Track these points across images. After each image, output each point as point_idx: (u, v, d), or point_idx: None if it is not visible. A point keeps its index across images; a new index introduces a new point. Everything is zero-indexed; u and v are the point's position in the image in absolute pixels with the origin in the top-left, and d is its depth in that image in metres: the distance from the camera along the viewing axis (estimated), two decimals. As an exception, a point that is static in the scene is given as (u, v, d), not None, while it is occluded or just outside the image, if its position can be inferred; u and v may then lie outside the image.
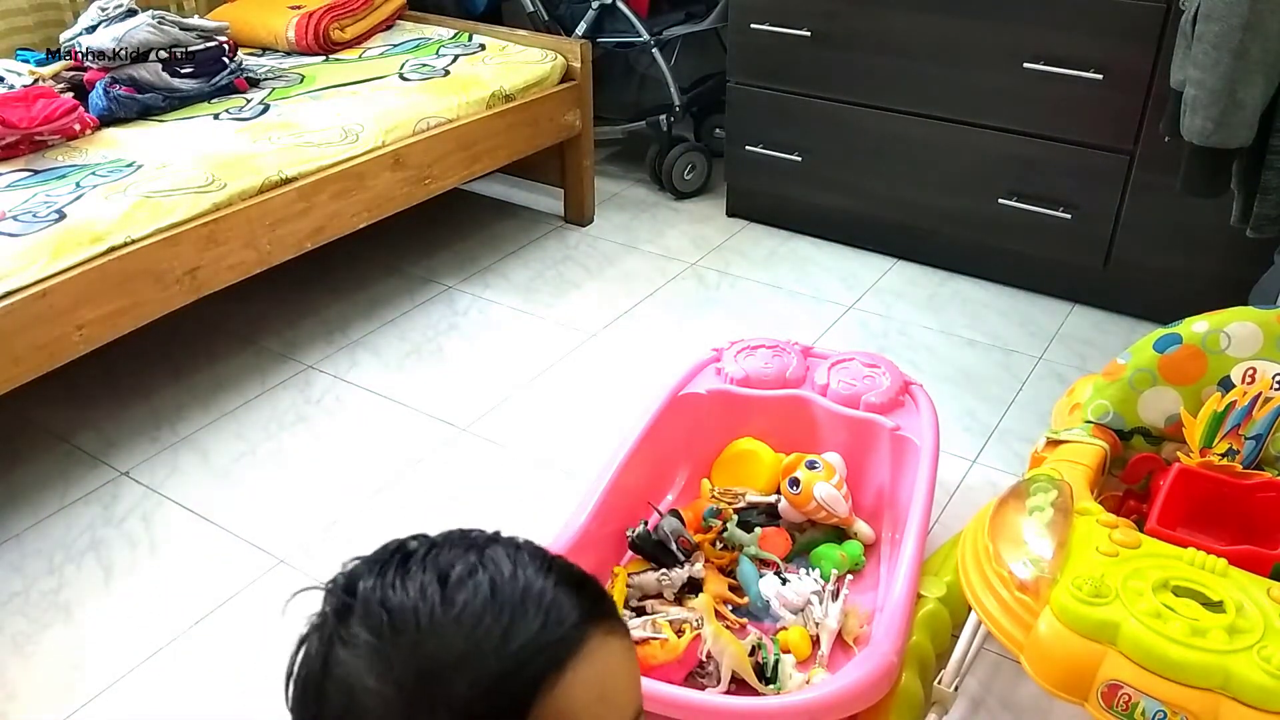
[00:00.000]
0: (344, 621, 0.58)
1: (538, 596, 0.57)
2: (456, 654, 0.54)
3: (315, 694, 0.60)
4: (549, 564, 0.60)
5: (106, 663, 1.45)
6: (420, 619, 0.55)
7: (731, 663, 1.29)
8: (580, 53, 2.53)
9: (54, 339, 1.65)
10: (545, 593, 0.57)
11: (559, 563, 0.60)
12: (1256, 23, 1.48)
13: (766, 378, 1.68)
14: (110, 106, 2.11)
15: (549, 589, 0.57)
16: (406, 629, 0.55)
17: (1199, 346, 1.26)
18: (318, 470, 1.83)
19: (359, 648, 0.56)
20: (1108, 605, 0.99)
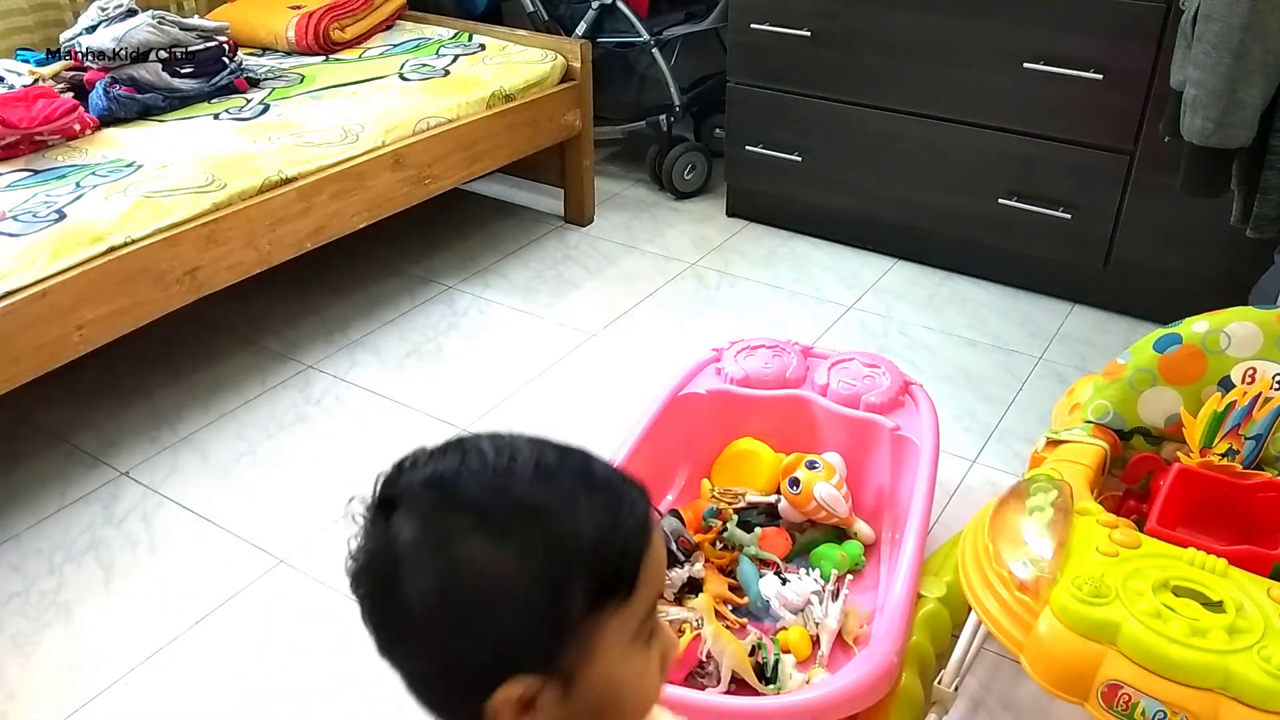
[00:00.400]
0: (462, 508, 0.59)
1: (620, 483, 0.63)
2: (583, 530, 0.59)
3: (446, 581, 0.59)
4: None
5: (106, 663, 1.45)
6: (538, 501, 0.59)
7: (731, 663, 1.29)
8: (580, 53, 2.53)
9: (54, 339, 1.65)
10: (622, 479, 0.63)
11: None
12: (1257, 23, 1.48)
13: (766, 378, 1.68)
14: (110, 106, 2.11)
15: (620, 476, 0.64)
16: (531, 512, 0.59)
17: (1199, 346, 1.26)
18: (317, 470, 1.83)
19: (495, 533, 0.58)
20: (1108, 605, 0.99)
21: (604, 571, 0.59)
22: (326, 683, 1.42)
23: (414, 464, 0.62)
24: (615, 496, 0.61)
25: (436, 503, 0.60)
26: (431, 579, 0.59)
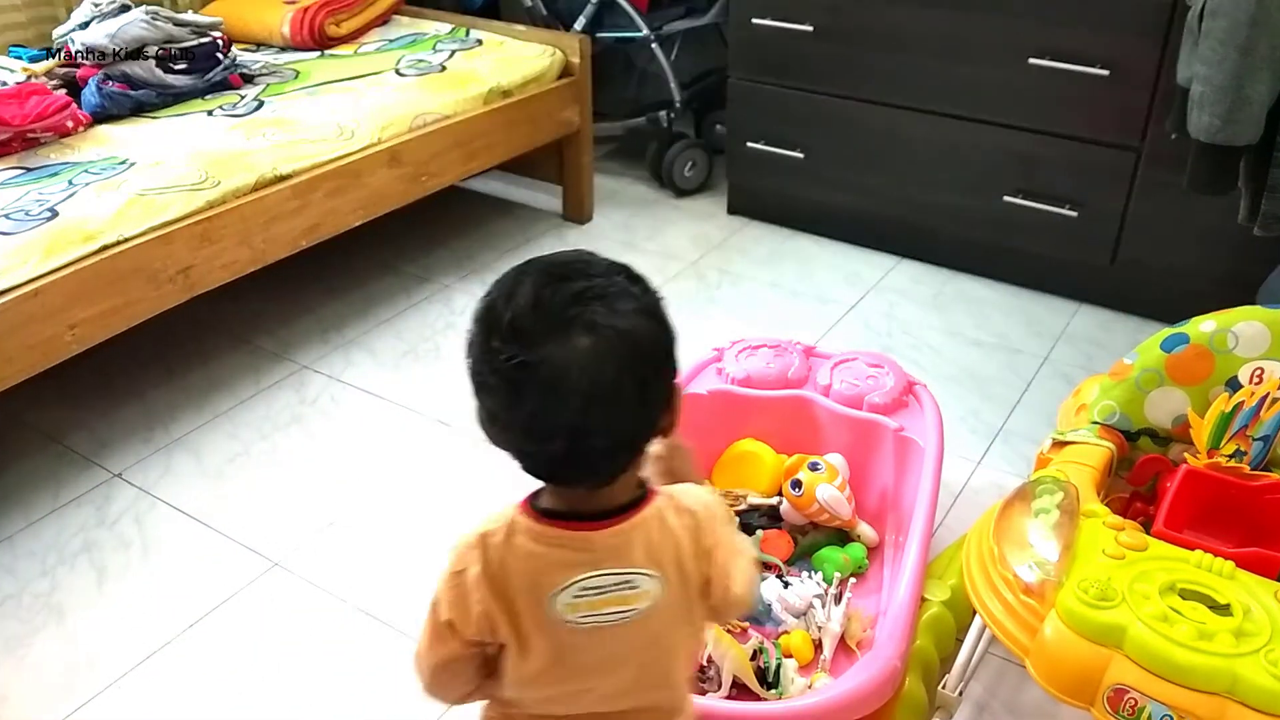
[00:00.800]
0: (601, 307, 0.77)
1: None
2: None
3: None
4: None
5: (100, 666, 1.44)
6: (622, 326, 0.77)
7: (733, 667, 1.28)
8: (579, 48, 2.51)
9: (46, 339, 1.63)
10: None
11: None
12: (1264, 18, 1.46)
13: (768, 378, 1.66)
14: (103, 103, 2.10)
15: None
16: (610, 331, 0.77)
17: (1206, 346, 1.25)
18: (313, 471, 1.81)
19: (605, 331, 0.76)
20: (1114, 609, 0.97)
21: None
22: (321, 685, 1.40)
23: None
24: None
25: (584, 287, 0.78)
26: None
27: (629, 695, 0.87)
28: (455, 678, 0.89)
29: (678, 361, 0.83)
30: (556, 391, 0.75)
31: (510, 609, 0.82)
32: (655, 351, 0.80)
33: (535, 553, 0.82)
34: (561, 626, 0.82)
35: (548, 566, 0.82)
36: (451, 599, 0.84)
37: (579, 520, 0.82)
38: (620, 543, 0.82)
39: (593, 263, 0.82)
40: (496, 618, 0.83)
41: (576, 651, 0.83)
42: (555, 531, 0.82)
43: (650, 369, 0.79)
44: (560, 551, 0.82)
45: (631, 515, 0.83)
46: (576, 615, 0.82)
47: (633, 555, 0.82)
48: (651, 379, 0.79)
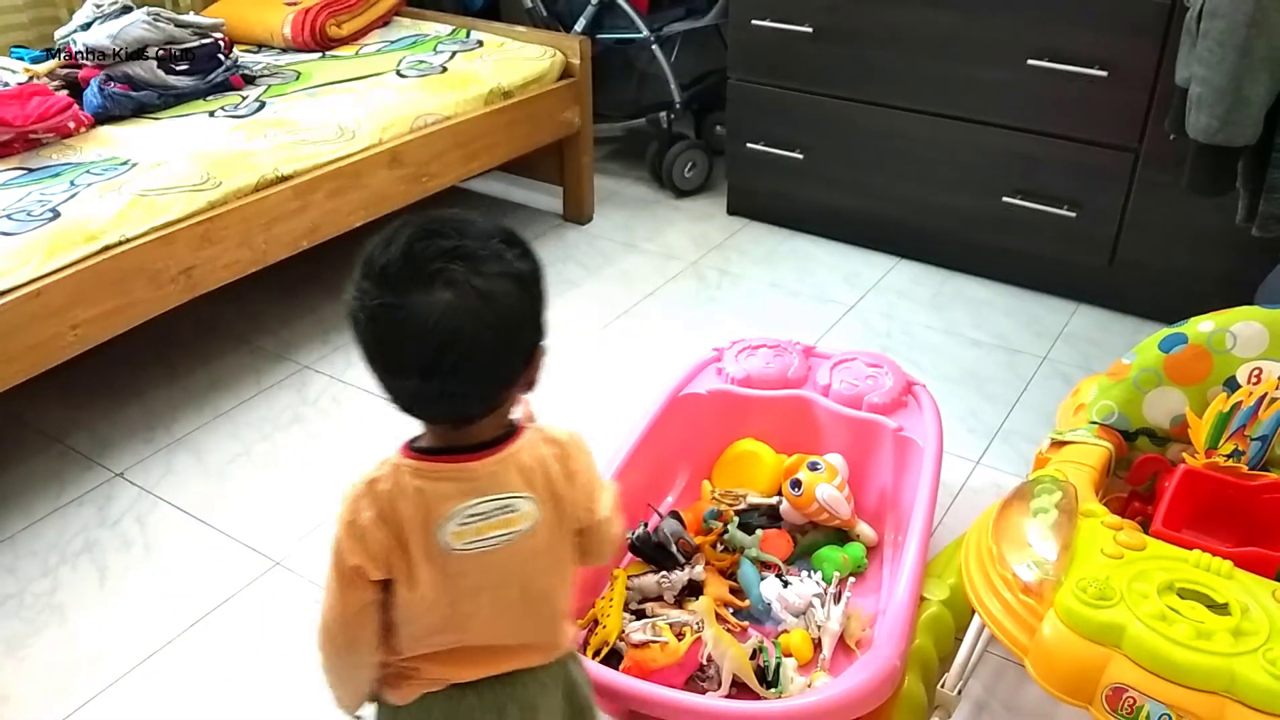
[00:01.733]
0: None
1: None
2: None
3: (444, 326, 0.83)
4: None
5: (101, 665, 1.44)
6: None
7: (733, 666, 1.28)
8: (579, 49, 2.52)
9: (48, 339, 1.64)
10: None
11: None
12: (1262, 19, 1.46)
13: (768, 378, 1.66)
14: (105, 104, 2.10)
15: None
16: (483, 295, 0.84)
17: (1204, 346, 1.25)
18: (314, 471, 1.81)
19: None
20: (1112, 608, 0.98)
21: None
22: (322, 686, 1.40)
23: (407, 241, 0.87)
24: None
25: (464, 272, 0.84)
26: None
27: (512, 624, 0.95)
28: (364, 629, 0.93)
29: (543, 324, 0.90)
30: (413, 336, 0.83)
31: (403, 545, 0.89)
32: (514, 314, 0.86)
33: (422, 488, 0.89)
34: (450, 555, 0.89)
35: (435, 498, 0.89)
36: (352, 545, 0.89)
37: (456, 454, 0.90)
38: (499, 469, 0.90)
39: (471, 224, 0.88)
40: (392, 555, 0.89)
41: (464, 576, 0.91)
42: (437, 466, 0.90)
43: (509, 329, 0.86)
44: (444, 484, 0.89)
45: (505, 446, 0.91)
46: (462, 543, 0.89)
47: (510, 481, 0.90)
48: (510, 339, 0.86)
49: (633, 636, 1.30)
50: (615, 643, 1.32)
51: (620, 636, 1.32)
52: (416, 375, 0.85)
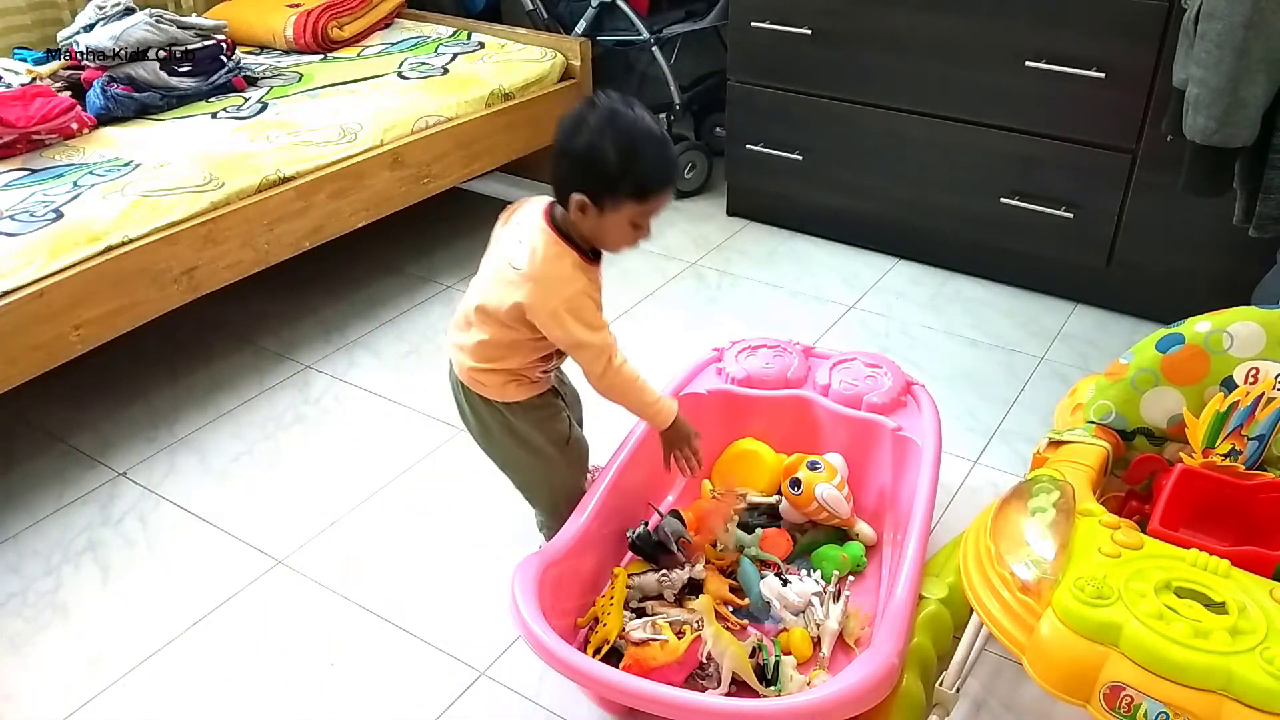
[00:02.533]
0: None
1: (674, 157, 1.34)
2: (650, 167, 1.27)
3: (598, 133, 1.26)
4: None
5: (104, 664, 1.45)
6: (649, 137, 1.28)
7: (732, 664, 1.28)
8: (580, 51, 2.52)
9: (51, 339, 1.64)
10: (675, 159, 1.35)
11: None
12: (1259, 21, 1.47)
13: (768, 378, 1.67)
14: (108, 105, 2.11)
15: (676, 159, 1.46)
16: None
17: (1201, 346, 1.25)
18: (316, 471, 1.82)
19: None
20: (1110, 606, 0.98)
21: (643, 184, 1.26)
22: (323, 683, 1.41)
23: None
24: (667, 158, 1.31)
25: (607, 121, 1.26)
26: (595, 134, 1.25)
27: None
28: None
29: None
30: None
31: None
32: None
33: None
34: None
35: None
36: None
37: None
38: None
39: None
40: None
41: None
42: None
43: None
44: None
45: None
46: None
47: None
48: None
49: (633, 635, 1.31)
50: (615, 641, 1.32)
51: (620, 635, 1.33)
52: None
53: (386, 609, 1.53)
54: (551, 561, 1.33)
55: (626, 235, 1.30)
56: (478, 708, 1.37)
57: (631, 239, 1.31)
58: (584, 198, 1.26)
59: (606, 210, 1.27)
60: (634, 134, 1.25)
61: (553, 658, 1.18)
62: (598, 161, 1.24)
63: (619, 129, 1.24)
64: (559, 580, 1.33)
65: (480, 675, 1.42)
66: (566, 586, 1.36)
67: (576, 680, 1.21)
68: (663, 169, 1.29)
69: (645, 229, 1.31)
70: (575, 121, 1.26)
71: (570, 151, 1.26)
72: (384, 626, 1.50)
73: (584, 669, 1.18)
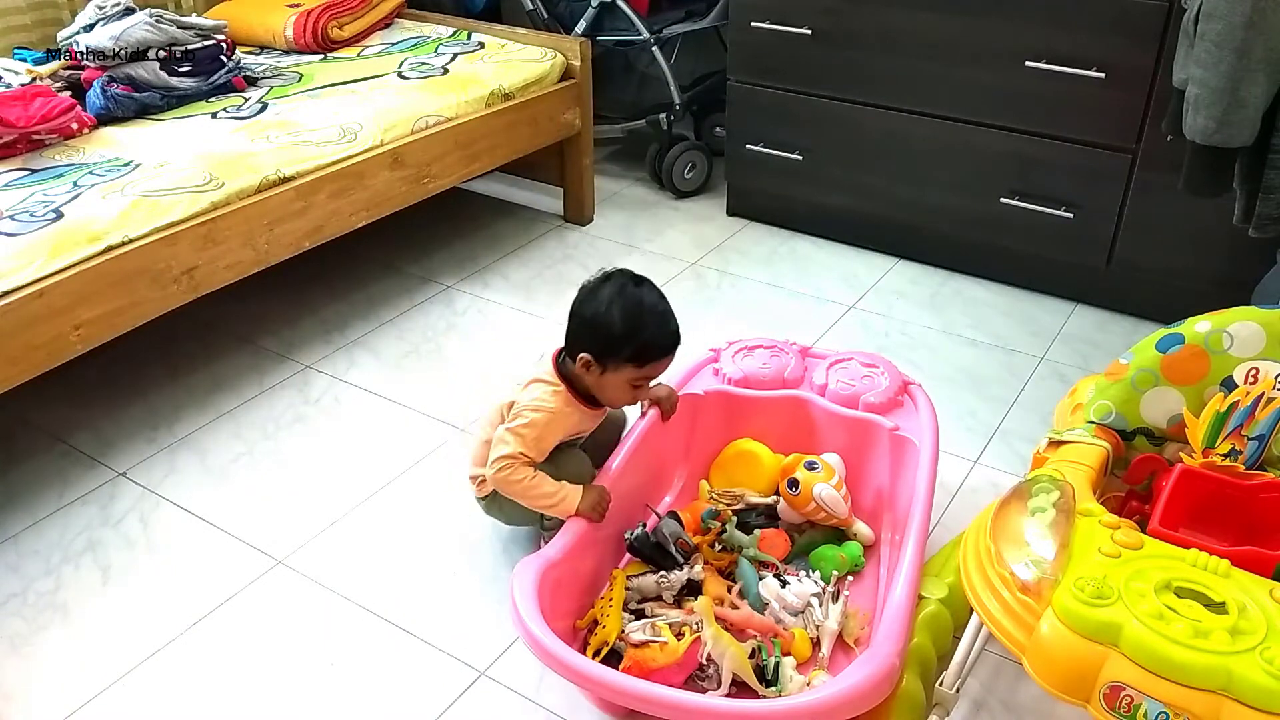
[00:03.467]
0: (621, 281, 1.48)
1: (671, 325, 1.47)
2: (648, 335, 1.45)
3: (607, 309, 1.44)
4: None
5: (104, 664, 1.45)
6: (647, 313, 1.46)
7: (732, 665, 1.28)
8: (580, 51, 2.52)
9: (51, 339, 1.64)
10: (676, 328, 1.48)
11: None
12: (1259, 21, 1.47)
13: (764, 378, 1.67)
14: (108, 105, 2.11)
15: (677, 328, 1.48)
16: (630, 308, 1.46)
17: (1201, 346, 1.25)
18: (316, 471, 1.82)
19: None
20: (1110, 606, 0.98)
21: (641, 351, 1.43)
22: (323, 683, 1.41)
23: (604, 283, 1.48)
24: (667, 331, 1.46)
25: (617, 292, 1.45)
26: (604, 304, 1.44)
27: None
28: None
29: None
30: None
31: None
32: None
33: None
34: None
35: None
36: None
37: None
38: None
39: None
40: None
41: None
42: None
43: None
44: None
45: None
46: None
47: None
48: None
49: (632, 636, 1.31)
50: (615, 642, 1.33)
51: (620, 636, 1.33)
52: None
53: (386, 609, 1.53)
54: (551, 563, 1.33)
55: (625, 393, 1.48)
56: (478, 708, 1.37)
57: (630, 397, 1.50)
58: (589, 357, 1.43)
59: (608, 370, 1.44)
60: (640, 307, 1.43)
61: (552, 659, 1.18)
62: (604, 328, 1.42)
63: (626, 301, 1.43)
64: (558, 582, 1.33)
65: (480, 675, 1.42)
66: (566, 588, 1.36)
67: (576, 682, 1.21)
68: (661, 340, 1.45)
69: (644, 389, 1.51)
70: (590, 290, 1.46)
71: (581, 315, 1.45)
72: (384, 626, 1.50)
73: (584, 670, 1.18)
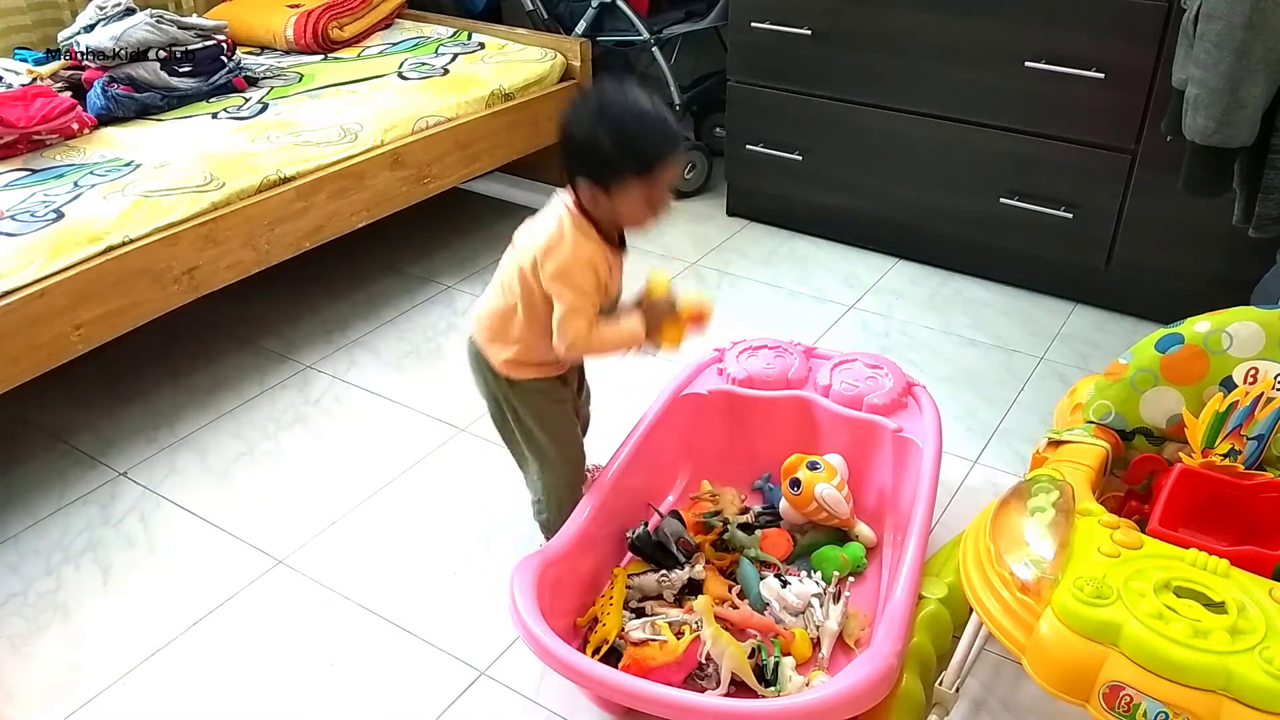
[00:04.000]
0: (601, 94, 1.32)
1: (670, 127, 1.32)
2: (647, 142, 1.29)
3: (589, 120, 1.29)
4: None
5: (105, 664, 1.45)
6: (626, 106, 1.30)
7: (731, 665, 1.28)
8: (580, 51, 2.52)
9: (52, 339, 1.64)
10: (672, 124, 1.33)
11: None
12: (1259, 21, 1.47)
13: (769, 378, 1.67)
14: (108, 105, 2.11)
15: (674, 124, 1.33)
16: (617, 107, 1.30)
17: (1201, 346, 1.25)
18: (316, 471, 1.82)
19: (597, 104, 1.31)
20: (1109, 606, 0.98)
21: (641, 163, 1.28)
22: (324, 683, 1.42)
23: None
24: (663, 132, 1.30)
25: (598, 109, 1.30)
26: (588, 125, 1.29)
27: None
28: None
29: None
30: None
31: None
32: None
33: None
34: None
35: None
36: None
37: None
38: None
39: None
40: None
41: None
42: None
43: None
44: None
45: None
46: None
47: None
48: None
49: (632, 635, 1.31)
50: (614, 641, 1.33)
51: (620, 635, 1.33)
52: None
53: (386, 609, 1.53)
54: (551, 561, 1.33)
55: (642, 211, 1.33)
56: (478, 708, 1.37)
57: (649, 214, 1.34)
58: (591, 185, 1.30)
59: (615, 193, 1.30)
60: (624, 116, 1.28)
61: (551, 658, 1.18)
62: (595, 149, 1.28)
63: (610, 115, 1.28)
64: (558, 580, 1.33)
65: (480, 675, 1.42)
66: (566, 586, 1.36)
67: (575, 680, 1.21)
68: (658, 142, 1.30)
69: (661, 201, 1.34)
70: (571, 114, 1.31)
71: (569, 144, 1.31)
72: (384, 626, 1.50)
73: (583, 669, 1.18)
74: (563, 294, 1.32)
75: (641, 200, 1.32)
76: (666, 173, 1.31)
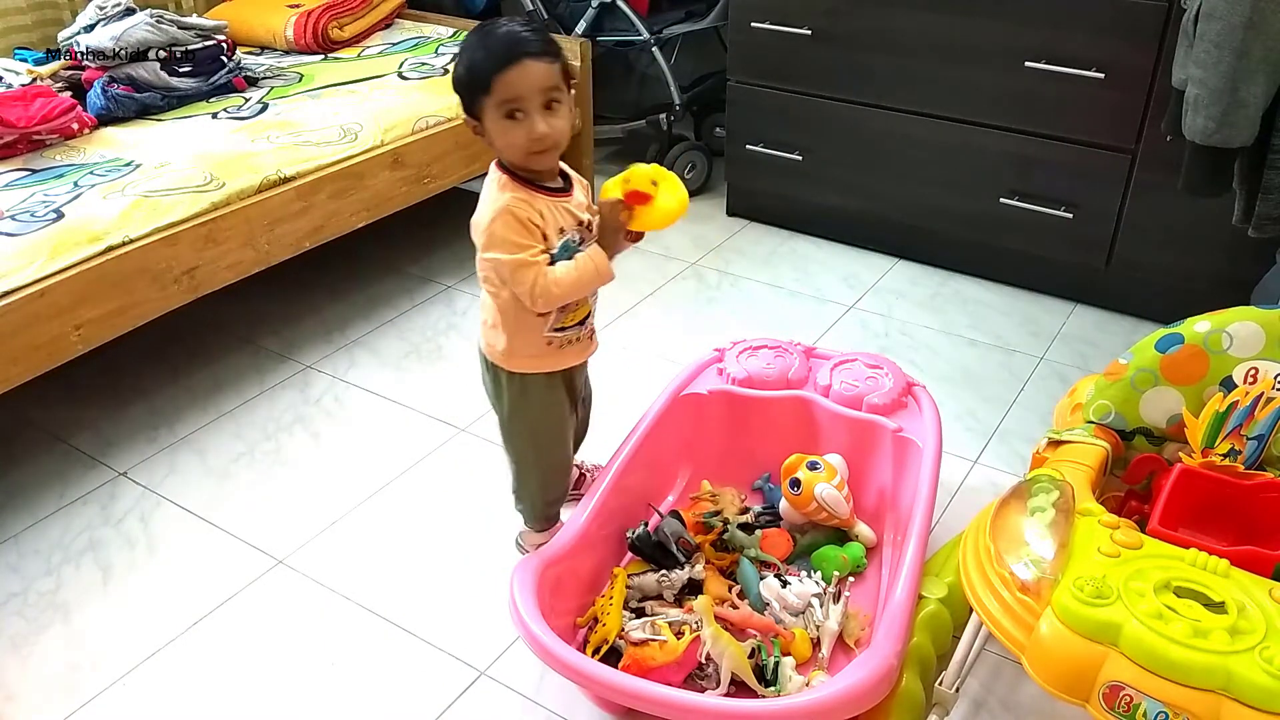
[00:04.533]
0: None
1: (512, 36, 1.27)
2: (477, 61, 1.27)
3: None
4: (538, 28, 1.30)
5: (105, 664, 1.45)
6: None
7: (731, 665, 1.28)
8: (580, 52, 2.52)
9: (52, 339, 1.64)
10: (516, 35, 1.27)
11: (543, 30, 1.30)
12: (1259, 21, 1.47)
13: (769, 378, 1.67)
14: (108, 105, 2.11)
15: (520, 35, 1.27)
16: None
17: (1201, 346, 1.26)
18: (316, 470, 1.82)
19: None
20: (1109, 606, 0.98)
21: (480, 77, 1.25)
22: (324, 683, 1.42)
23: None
24: (497, 38, 1.26)
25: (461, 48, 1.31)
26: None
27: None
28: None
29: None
30: None
31: None
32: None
33: None
34: None
35: None
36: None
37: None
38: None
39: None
40: None
41: None
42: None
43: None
44: None
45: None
46: None
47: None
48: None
49: (632, 635, 1.31)
50: (615, 641, 1.33)
51: (620, 635, 1.33)
52: None
53: (386, 609, 1.53)
54: (551, 561, 1.33)
55: (511, 134, 1.26)
56: (478, 708, 1.37)
57: (519, 137, 1.26)
58: (473, 128, 1.31)
59: (485, 121, 1.28)
60: (471, 43, 1.28)
61: (551, 657, 1.18)
62: (457, 86, 1.30)
63: (463, 47, 1.30)
64: (558, 580, 1.33)
65: (480, 675, 1.42)
66: (566, 586, 1.36)
67: (575, 680, 1.21)
68: (495, 53, 1.24)
69: (528, 119, 1.25)
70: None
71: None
72: (384, 626, 1.50)
73: (582, 669, 1.18)
74: (499, 260, 1.29)
75: (505, 126, 1.26)
76: (511, 82, 1.23)
